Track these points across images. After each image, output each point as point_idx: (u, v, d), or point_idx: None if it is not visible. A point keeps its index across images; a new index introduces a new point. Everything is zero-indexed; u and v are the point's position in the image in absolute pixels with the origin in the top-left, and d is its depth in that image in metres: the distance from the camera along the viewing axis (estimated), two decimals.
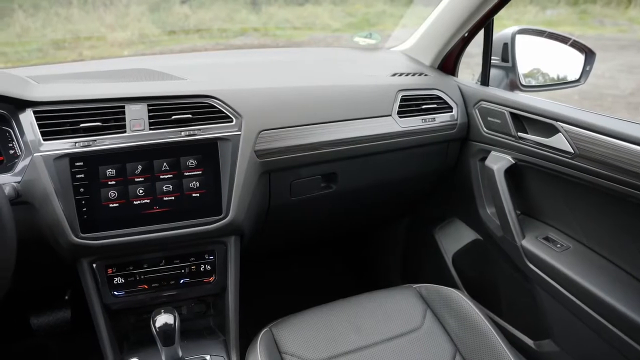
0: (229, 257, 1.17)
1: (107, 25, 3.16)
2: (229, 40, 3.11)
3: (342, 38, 3.40)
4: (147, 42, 3.04)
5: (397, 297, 1.21)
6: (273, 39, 3.24)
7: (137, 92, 1.09)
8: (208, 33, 3.11)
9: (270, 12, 3.50)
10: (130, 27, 3.16)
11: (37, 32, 2.98)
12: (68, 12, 3.17)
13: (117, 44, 2.98)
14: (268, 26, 3.39)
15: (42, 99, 1.06)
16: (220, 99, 1.12)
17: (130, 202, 1.05)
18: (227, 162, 1.09)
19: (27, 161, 1.02)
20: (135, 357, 1.15)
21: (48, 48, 2.87)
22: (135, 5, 3.25)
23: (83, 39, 2.90)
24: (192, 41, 3.04)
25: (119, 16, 3.22)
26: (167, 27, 3.24)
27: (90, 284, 1.11)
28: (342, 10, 3.75)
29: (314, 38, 3.32)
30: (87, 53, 2.86)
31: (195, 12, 3.34)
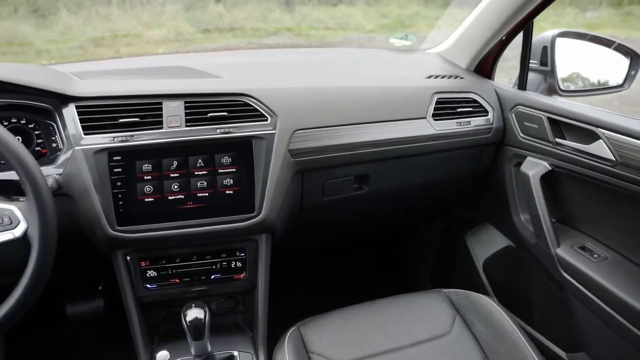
0: (260, 254, 1.18)
1: (144, 24, 3.23)
2: (262, 40, 3.13)
3: (376, 39, 3.39)
4: (182, 40, 3.09)
5: (427, 301, 1.20)
6: (306, 39, 3.25)
7: (174, 89, 1.11)
8: (241, 32, 3.14)
9: (303, 12, 3.51)
10: (165, 25, 3.22)
11: (78, 30, 3.06)
12: (107, 10, 3.25)
13: (152, 42, 3.04)
14: (301, 26, 3.40)
15: (84, 95, 1.09)
16: (256, 97, 1.13)
17: (165, 197, 1.07)
18: (261, 160, 1.10)
19: (68, 154, 1.05)
20: (165, 350, 1.17)
21: (88, 45, 2.95)
22: (171, 4, 3.30)
23: (120, 37, 2.97)
24: (226, 40, 3.07)
25: (155, 14, 3.28)
26: (202, 26, 3.28)
27: (124, 276, 1.13)
28: (376, 11, 3.74)
29: (347, 39, 3.31)
30: (124, 50, 2.92)
31: (230, 11, 3.37)
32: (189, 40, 3.05)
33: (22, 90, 1.06)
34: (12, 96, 1.09)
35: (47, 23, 3.06)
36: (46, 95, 1.07)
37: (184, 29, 3.17)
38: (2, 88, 1.05)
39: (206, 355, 1.06)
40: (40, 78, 1.08)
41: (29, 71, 1.11)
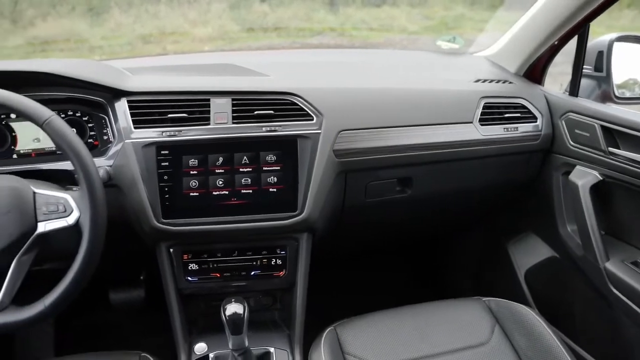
0: (300, 253, 1.18)
1: (190, 21, 3.29)
2: (305, 39, 3.14)
3: (419, 41, 3.34)
4: (227, 38, 3.13)
5: (465, 309, 1.18)
6: (349, 39, 3.24)
7: (222, 87, 1.13)
8: (285, 31, 3.16)
9: (347, 13, 3.50)
10: (211, 24, 3.27)
11: (128, 27, 3.15)
12: (156, 8, 3.33)
13: (198, 39, 3.10)
14: (345, 26, 3.39)
15: (136, 89, 1.12)
16: (303, 96, 1.14)
17: (209, 192, 1.08)
18: (306, 159, 1.10)
19: (118, 147, 1.09)
20: (203, 342, 1.19)
21: (136, 42, 3.03)
22: (217, 3, 3.36)
23: (167, 34, 3.04)
24: (270, 39, 3.10)
25: (201, 13, 3.34)
26: (246, 25, 3.32)
27: (166, 268, 1.16)
28: (420, 12, 3.69)
29: (390, 40, 3.28)
30: (171, 47, 2.99)
31: (274, 11, 3.39)
32: (233, 38, 3.09)
33: (80, 84, 1.10)
34: (71, 90, 1.13)
35: (100, 21, 3.17)
36: (101, 89, 1.11)
37: (229, 28, 3.21)
38: (63, 82, 1.10)
39: (243, 350, 1.07)
40: (96, 73, 1.13)
41: (86, 66, 1.16)
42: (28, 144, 1.18)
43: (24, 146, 1.18)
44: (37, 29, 2.94)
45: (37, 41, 2.92)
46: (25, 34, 2.89)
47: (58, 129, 0.88)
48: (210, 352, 1.17)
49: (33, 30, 2.92)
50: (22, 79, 1.09)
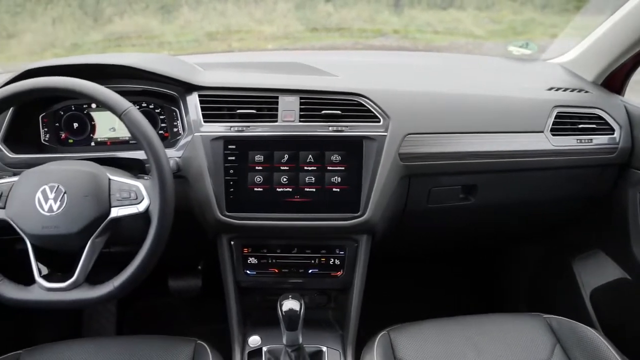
0: (359, 254, 1.18)
1: (256, 20, 3.34)
2: (368, 41, 3.12)
3: (484, 46, 3.25)
4: (291, 37, 3.16)
5: (524, 325, 1.13)
6: (412, 42, 3.19)
7: (291, 85, 1.15)
8: (348, 32, 3.15)
9: (412, 15, 3.45)
10: (276, 23, 3.31)
11: (196, 24, 3.25)
12: (224, 7, 3.41)
13: (262, 38, 3.15)
14: (408, 28, 3.34)
15: (207, 84, 1.16)
16: (371, 98, 1.13)
17: (273, 188, 1.10)
18: (370, 161, 1.10)
19: (188, 139, 1.12)
20: (257, 335, 1.21)
21: (203, 39, 3.12)
22: (283, 3, 3.40)
23: (233, 32, 3.11)
24: (333, 39, 3.10)
25: (267, 12, 3.39)
26: (310, 24, 3.34)
27: (226, 259, 1.19)
28: (487, 16, 3.58)
29: (455, 44, 3.20)
30: (236, 45, 3.05)
31: (338, 11, 3.40)
32: (297, 37, 3.12)
33: (156, 77, 1.15)
34: (146, 83, 1.18)
35: (170, 18, 3.29)
36: (175, 83, 1.16)
37: (293, 27, 3.24)
38: (140, 75, 1.15)
39: (297, 347, 1.08)
40: (171, 67, 1.17)
41: (162, 61, 1.20)
42: (105, 132, 1.25)
43: (101, 135, 1.25)
44: (114, 25, 3.09)
45: (113, 37, 3.08)
46: (104, 30, 3.05)
47: (135, 120, 0.92)
48: (263, 345, 1.18)
49: (111, 26, 3.07)
50: (104, 72, 1.14)
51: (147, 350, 1.06)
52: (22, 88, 0.93)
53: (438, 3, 3.54)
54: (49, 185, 0.92)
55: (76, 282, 0.92)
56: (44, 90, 0.94)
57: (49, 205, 0.91)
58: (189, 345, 1.07)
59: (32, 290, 0.93)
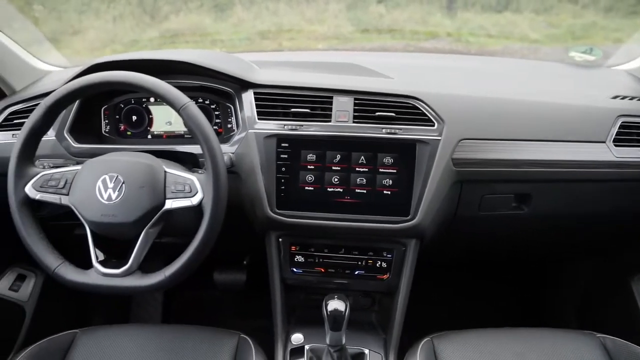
0: (407, 258, 1.16)
1: (307, 20, 3.36)
2: (419, 43, 3.09)
3: (540, 50, 3.15)
4: (341, 37, 3.17)
5: (575, 342, 1.08)
6: (465, 45, 3.13)
7: (346, 85, 1.14)
8: (400, 34, 3.13)
9: (465, 18, 3.38)
10: (327, 23, 3.33)
11: (248, 23, 3.30)
12: (276, 6, 3.45)
13: (313, 37, 3.16)
14: (461, 31, 3.28)
15: (263, 82, 1.17)
16: (426, 101, 1.12)
17: (324, 188, 1.10)
18: (423, 165, 1.08)
19: (242, 135, 1.14)
20: (300, 333, 1.21)
21: (255, 37, 3.17)
22: (334, 3, 3.41)
23: (284, 31, 3.15)
24: (383, 40, 3.09)
25: (318, 12, 3.40)
26: (361, 25, 3.33)
27: (274, 256, 1.20)
28: (544, 20, 3.46)
29: (509, 48, 3.12)
30: (286, 44, 3.08)
31: (390, 12, 3.37)
32: (348, 38, 3.12)
33: (213, 74, 1.17)
34: (203, 79, 1.21)
35: (223, 16, 3.35)
36: (231, 80, 1.18)
37: (343, 27, 3.24)
38: (198, 71, 1.18)
39: (339, 347, 1.07)
40: (229, 64, 1.19)
41: (219, 58, 1.23)
42: (161, 126, 1.29)
43: (158, 128, 1.29)
44: (170, 23, 3.18)
45: (168, 34, 3.17)
46: (160, 27, 3.15)
47: (192, 115, 0.94)
48: (306, 343, 1.19)
49: (167, 24, 3.17)
50: (163, 67, 1.18)
51: (193, 340, 1.08)
52: (90, 81, 0.97)
53: (493, 6, 3.45)
54: (109, 175, 0.96)
55: (129, 270, 0.95)
56: (110, 84, 0.97)
57: (108, 194, 0.95)
58: (233, 338, 1.09)
59: (89, 275, 0.97)
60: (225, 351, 1.05)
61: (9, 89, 1.33)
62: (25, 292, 1.46)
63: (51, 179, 0.99)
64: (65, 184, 0.98)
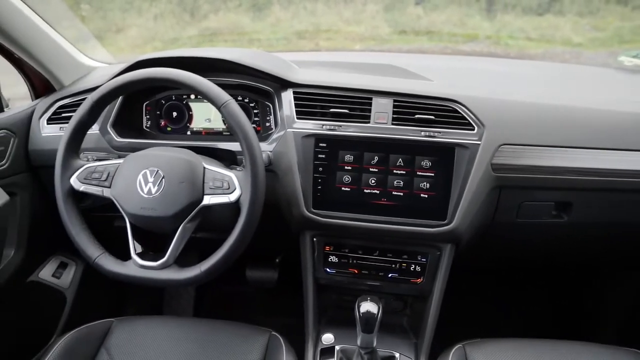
0: (441, 263, 1.15)
1: (344, 20, 3.36)
2: (457, 45, 3.05)
3: (583, 55, 3.05)
4: (378, 39, 3.16)
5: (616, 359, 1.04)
6: (504, 48, 3.07)
7: (385, 87, 1.14)
8: (437, 36, 3.09)
9: (505, 20, 3.31)
10: (364, 24, 3.32)
11: (286, 23, 3.32)
12: (314, 6, 3.46)
13: (350, 38, 3.16)
14: (500, 34, 3.22)
15: (302, 82, 1.18)
16: (466, 105, 1.10)
17: (361, 189, 1.10)
18: (461, 169, 1.07)
19: (280, 134, 1.15)
20: (330, 333, 1.21)
21: (292, 37, 3.19)
22: (372, 4, 3.40)
23: (322, 31, 3.15)
24: (421, 42, 3.06)
25: (356, 12, 3.40)
26: (399, 27, 3.31)
27: (308, 255, 1.21)
28: (589, 23, 3.36)
29: (550, 52, 3.04)
30: (323, 44, 3.09)
31: (428, 14, 3.34)
32: (384, 39, 3.11)
33: (254, 72, 1.19)
34: (244, 77, 1.23)
35: (261, 16, 3.39)
36: (271, 79, 1.19)
37: (381, 29, 3.23)
38: (239, 70, 1.19)
39: (370, 350, 1.07)
40: (269, 63, 1.20)
41: (260, 57, 1.24)
42: (201, 123, 1.31)
43: (197, 125, 1.31)
44: (209, 21, 3.24)
45: (207, 32, 3.23)
46: (199, 25, 3.21)
47: (233, 112, 0.95)
48: (336, 344, 1.19)
49: (206, 22, 3.22)
50: (205, 65, 1.20)
51: (224, 335, 1.09)
52: (134, 77, 1.00)
53: (534, 8, 3.38)
54: (150, 170, 0.98)
55: (166, 263, 0.97)
56: (154, 80, 0.99)
57: (148, 188, 0.97)
58: (264, 335, 1.10)
59: (127, 266, 0.99)
60: (256, 348, 1.06)
61: (58, 83, 1.38)
62: (67, 280, 1.51)
63: (95, 172, 1.02)
64: (107, 177, 1.01)
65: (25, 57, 1.27)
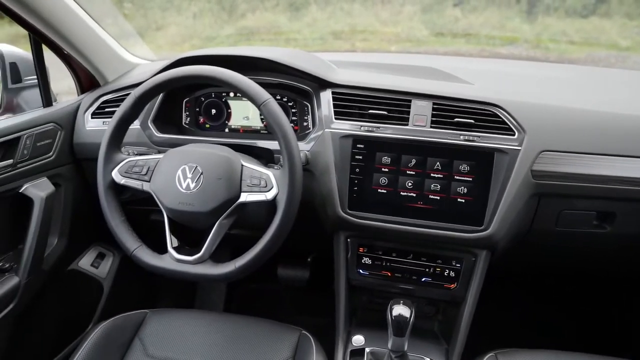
0: (476, 269, 1.13)
1: (381, 21, 3.36)
2: (495, 48, 2.99)
3: (630, 59, 2.95)
4: (414, 40, 3.13)
5: None
6: (544, 52, 3.00)
7: (425, 89, 1.13)
8: (475, 38, 3.05)
9: (546, 23, 3.24)
10: (401, 25, 3.30)
11: (322, 23, 3.33)
12: (351, 7, 3.46)
13: (386, 39, 3.15)
14: (541, 37, 3.14)
15: (341, 82, 1.18)
16: (507, 109, 1.08)
17: (397, 191, 1.09)
18: (500, 175, 1.05)
19: (318, 134, 1.15)
20: (361, 335, 1.21)
21: (328, 37, 3.20)
22: (409, 5, 3.37)
23: (358, 32, 3.15)
24: (458, 45, 3.02)
25: (393, 14, 3.39)
26: (436, 29, 3.28)
27: (341, 256, 1.21)
28: (638, 25, 3.24)
29: (593, 56, 2.95)
30: (359, 45, 3.09)
31: (466, 16, 3.29)
32: (421, 41, 3.08)
33: (293, 72, 1.19)
34: (283, 76, 1.24)
35: (298, 16, 3.40)
36: (310, 78, 1.19)
37: (418, 30, 3.21)
38: (279, 69, 1.20)
39: (401, 353, 1.06)
40: (309, 63, 1.21)
41: (300, 56, 1.25)
42: (239, 120, 1.33)
43: (235, 122, 1.33)
44: (246, 20, 3.28)
45: (244, 31, 3.27)
46: (236, 24, 3.25)
47: (273, 111, 0.95)
48: (366, 346, 1.18)
49: (243, 21, 3.26)
50: (245, 63, 1.21)
51: (255, 332, 1.10)
52: (177, 74, 1.01)
53: (578, 10, 3.28)
54: (189, 165, 0.99)
55: (202, 258, 0.98)
56: (196, 77, 1.01)
57: (187, 183, 0.98)
58: (294, 333, 1.10)
59: (164, 259, 1.01)
60: (286, 346, 1.07)
61: (103, 79, 1.42)
62: (104, 270, 1.56)
63: (135, 166, 1.04)
64: (147, 171, 1.03)
65: (73, 53, 1.31)
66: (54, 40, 1.24)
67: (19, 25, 1.18)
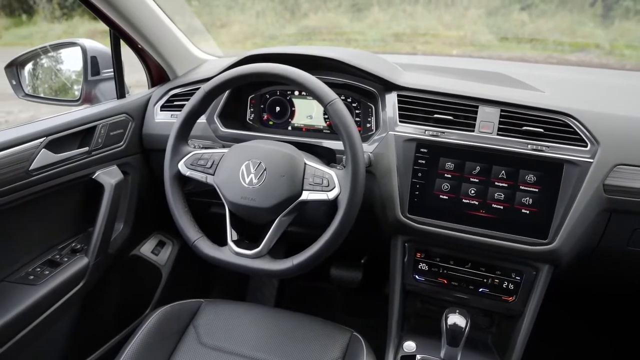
0: (537, 284, 1.09)
1: (444, 24, 3.31)
2: (563, 55, 2.87)
3: None
4: (477, 44, 3.06)
5: None
6: (618, 59, 2.85)
7: (493, 96, 1.10)
8: (542, 44, 2.93)
9: (623, 28, 3.07)
10: (464, 28, 3.24)
11: (384, 24, 3.32)
12: (413, 9, 3.43)
13: (448, 43, 3.10)
14: (616, 44, 2.99)
15: (407, 85, 1.17)
16: (580, 120, 1.03)
17: (459, 198, 1.07)
18: (569, 187, 1.01)
19: (382, 136, 1.14)
20: (412, 341, 1.19)
21: (389, 39, 3.18)
22: (474, 8, 3.30)
23: (419, 35, 3.12)
24: (523, 50, 2.93)
25: (456, 17, 3.33)
26: (500, 33, 3.19)
27: (398, 260, 1.20)
28: None
29: None
30: (420, 47, 3.05)
31: (534, 21, 3.19)
32: (484, 45, 3.01)
33: (359, 73, 1.19)
34: (349, 77, 1.24)
35: (360, 17, 3.41)
36: (376, 80, 1.19)
37: (481, 34, 3.13)
38: (345, 69, 1.21)
39: None
40: (375, 65, 1.20)
41: (366, 57, 1.24)
42: (302, 119, 1.34)
43: (299, 121, 1.35)
44: (309, 20, 3.32)
45: (306, 30, 3.31)
46: (298, 24, 3.30)
47: (339, 111, 0.95)
48: (418, 353, 1.17)
49: (305, 21, 3.31)
50: (311, 62, 1.22)
51: (307, 329, 1.11)
52: (246, 71, 1.03)
53: None
54: (253, 161, 1.01)
55: (260, 253, 1.00)
56: (265, 75, 1.02)
57: (250, 178, 1.00)
58: (345, 334, 1.10)
59: (223, 251, 1.03)
60: (337, 346, 1.07)
61: (173, 73, 1.48)
62: (164, 257, 1.62)
63: (201, 159, 1.06)
64: (212, 165, 1.05)
65: (148, 47, 1.37)
66: (131, 36, 1.31)
67: (102, 22, 1.25)
